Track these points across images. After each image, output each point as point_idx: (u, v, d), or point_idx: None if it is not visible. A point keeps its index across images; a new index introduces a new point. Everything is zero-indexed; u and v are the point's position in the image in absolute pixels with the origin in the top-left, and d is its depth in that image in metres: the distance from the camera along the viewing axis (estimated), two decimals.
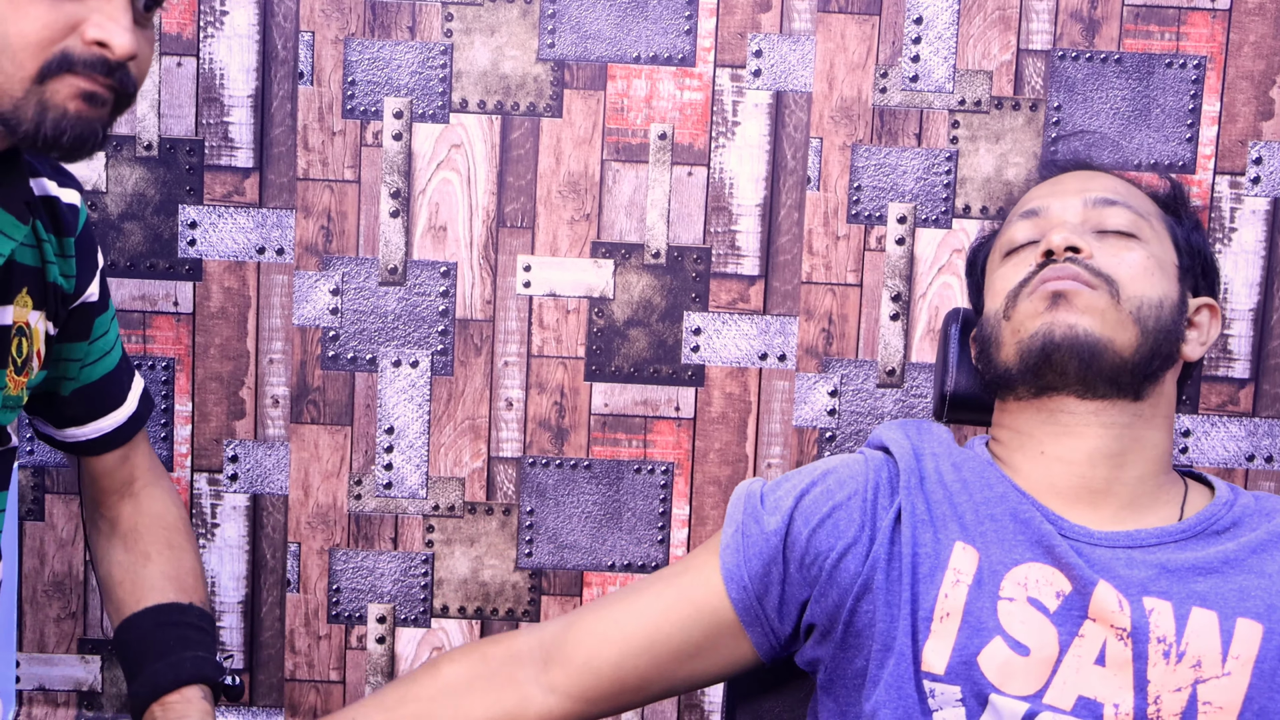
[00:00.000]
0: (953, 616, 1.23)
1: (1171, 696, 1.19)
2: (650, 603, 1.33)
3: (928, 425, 1.39)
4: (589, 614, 1.35)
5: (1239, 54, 2.13)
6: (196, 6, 2.11)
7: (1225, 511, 1.29)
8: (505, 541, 2.22)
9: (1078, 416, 1.29)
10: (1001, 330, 1.33)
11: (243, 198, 2.16)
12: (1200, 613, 1.21)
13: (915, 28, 2.14)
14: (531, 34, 2.13)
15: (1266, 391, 2.17)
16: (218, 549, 2.21)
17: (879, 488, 1.32)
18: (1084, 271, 1.28)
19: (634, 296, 2.19)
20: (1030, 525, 1.25)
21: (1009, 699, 1.20)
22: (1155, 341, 1.28)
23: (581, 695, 1.31)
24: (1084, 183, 1.40)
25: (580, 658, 1.31)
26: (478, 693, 1.30)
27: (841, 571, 1.28)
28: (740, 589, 1.30)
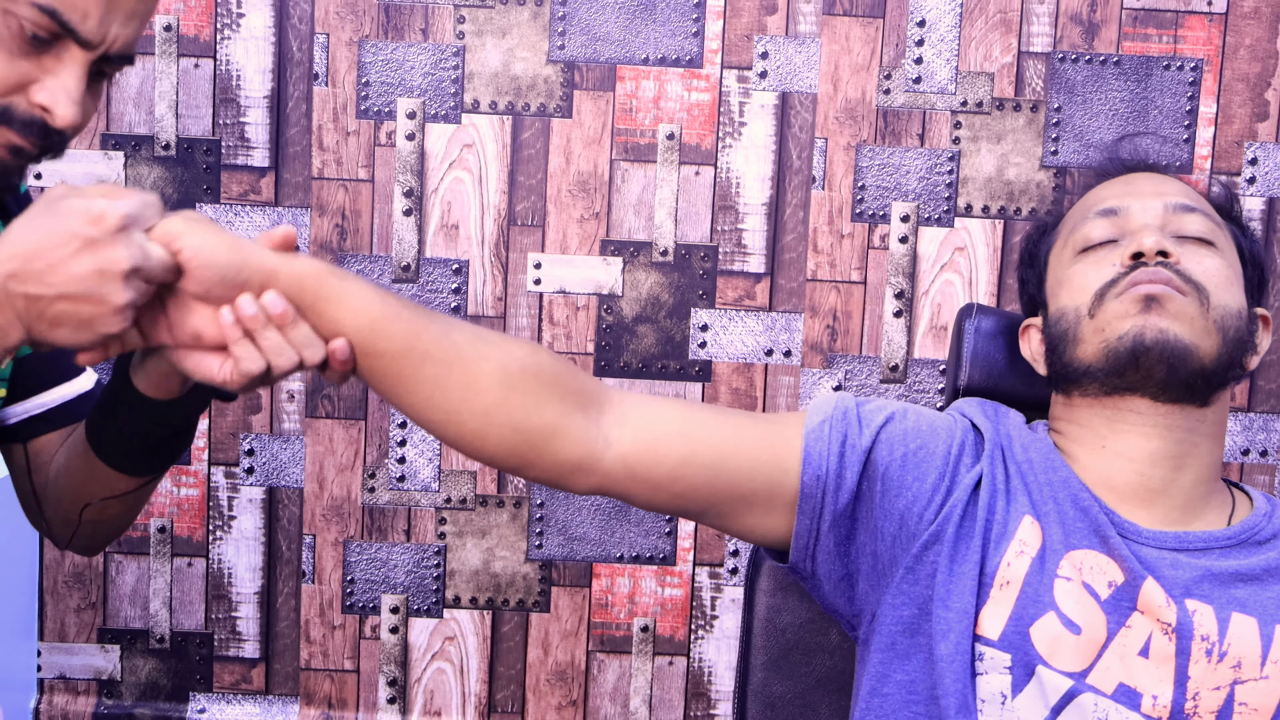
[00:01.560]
0: (1012, 585, 1.24)
1: (1210, 694, 1.20)
2: (734, 431, 1.29)
3: (1005, 407, 1.39)
4: (677, 403, 1.31)
5: (1235, 57, 2.16)
6: (214, 9, 2.14)
7: (1266, 522, 1.29)
8: (516, 534, 2.24)
9: (1146, 418, 1.29)
10: (1082, 327, 1.31)
11: (259, 196, 2.18)
12: (1240, 618, 1.22)
13: (918, 30, 2.15)
14: (542, 36, 2.15)
15: (1261, 388, 2.20)
16: (234, 541, 2.23)
17: (964, 447, 1.31)
18: (1175, 277, 1.26)
19: (642, 293, 2.21)
20: (1089, 514, 1.26)
21: (1055, 673, 1.21)
22: (1233, 351, 1.28)
23: (633, 462, 1.24)
24: (1159, 185, 1.38)
25: (653, 433, 1.24)
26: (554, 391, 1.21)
27: (909, 513, 1.28)
28: (813, 476, 1.28)
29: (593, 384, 1.25)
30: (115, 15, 1.07)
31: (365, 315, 1.10)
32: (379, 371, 1.13)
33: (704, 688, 2.26)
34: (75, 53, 1.07)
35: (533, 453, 1.19)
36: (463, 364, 1.15)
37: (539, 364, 1.19)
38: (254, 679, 2.29)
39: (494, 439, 1.18)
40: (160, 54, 2.15)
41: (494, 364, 1.16)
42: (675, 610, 2.29)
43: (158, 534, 2.25)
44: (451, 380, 1.15)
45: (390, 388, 1.14)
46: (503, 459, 1.21)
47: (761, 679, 1.60)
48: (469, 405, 1.16)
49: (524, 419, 1.18)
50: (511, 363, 1.18)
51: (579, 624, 2.28)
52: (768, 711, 1.61)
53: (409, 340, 1.13)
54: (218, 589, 2.26)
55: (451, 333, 1.16)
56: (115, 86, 2.14)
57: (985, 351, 1.52)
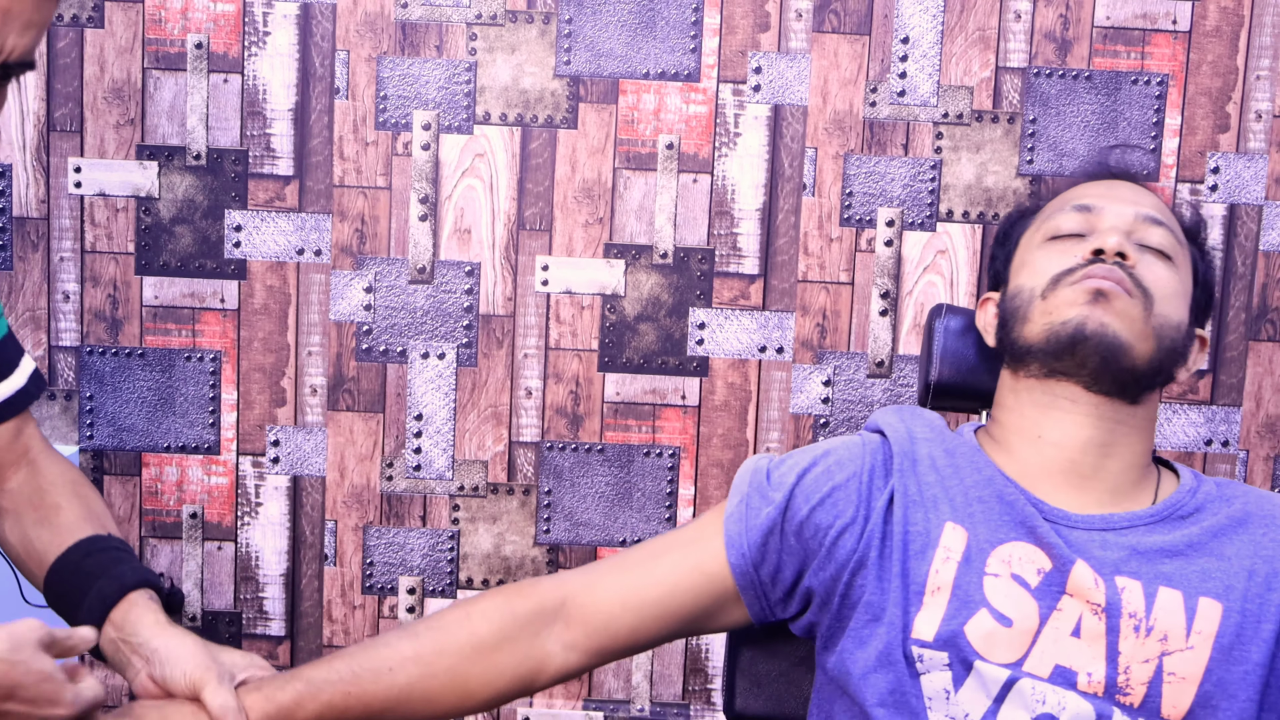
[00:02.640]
0: (943, 590, 1.24)
1: (1140, 667, 1.20)
2: (666, 572, 1.34)
3: (921, 412, 1.39)
4: (609, 576, 1.35)
5: (1198, 72, 2.18)
6: (242, 28, 2.17)
7: (1189, 498, 1.30)
8: (525, 519, 2.28)
9: (1079, 405, 1.29)
10: (1033, 307, 1.32)
11: (283, 203, 2.21)
12: (1167, 591, 1.22)
13: (902, 46, 2.18)
14: (549, 52, 2.19)
15: (1223, 382, 2.22)
16: (261, 526, 2.27)
17: (874, 470, 1.32)
18: (1128, 279, 1.27)
19: (643, 294, 2.24)
20: (1015, 507, 1.26)
21: (992, 665, 1.21)
22: (1165, 359, 1.29)
23: (597, 651, 1.32)
24: (1136, 195, 1.39)
25: (600, 620, 1.31)
26: (505, 651, 1.30)
27: (839, 548, 1.29)
28: (740, 556, 1.32)
29: (536, 600, 1.32)
30: (11, 26, 1.06)
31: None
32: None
33: (702, 663, 2.29)
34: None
35: (524, 693, 1.31)
36: (419, 696, 1.25)
37: (480, 641, 1.28)
38: (280, 655, 2.30)
39: (484, 708, 1.30)
40: (192, 70, 2.18)
41: (443, 677, 1.26)
42: None
43: (189, 519, 2.27)
44: (416, 710, 1.26)
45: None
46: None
47: (749, 657, 1.61)
48: (445, 710, 1.27)
49: (494, 689, 1.29)
50: (458, 662, 1.27)
51: None
52: (754, 688, 1.61)
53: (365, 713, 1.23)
54: (246, 571, 2.29)
55: (396, 676, 1.25)
56: (149, 100, 2.18)
57: (954, 349, 1.54)
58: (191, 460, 2.27)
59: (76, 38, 2.18)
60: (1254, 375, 2.22)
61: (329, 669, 1.24)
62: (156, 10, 2.18)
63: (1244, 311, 2.20)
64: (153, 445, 2.26)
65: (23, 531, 1.36)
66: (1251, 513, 1.28)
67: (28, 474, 1.38)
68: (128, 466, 2.26)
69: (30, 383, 1.40)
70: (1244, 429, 2.24)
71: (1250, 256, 2.20)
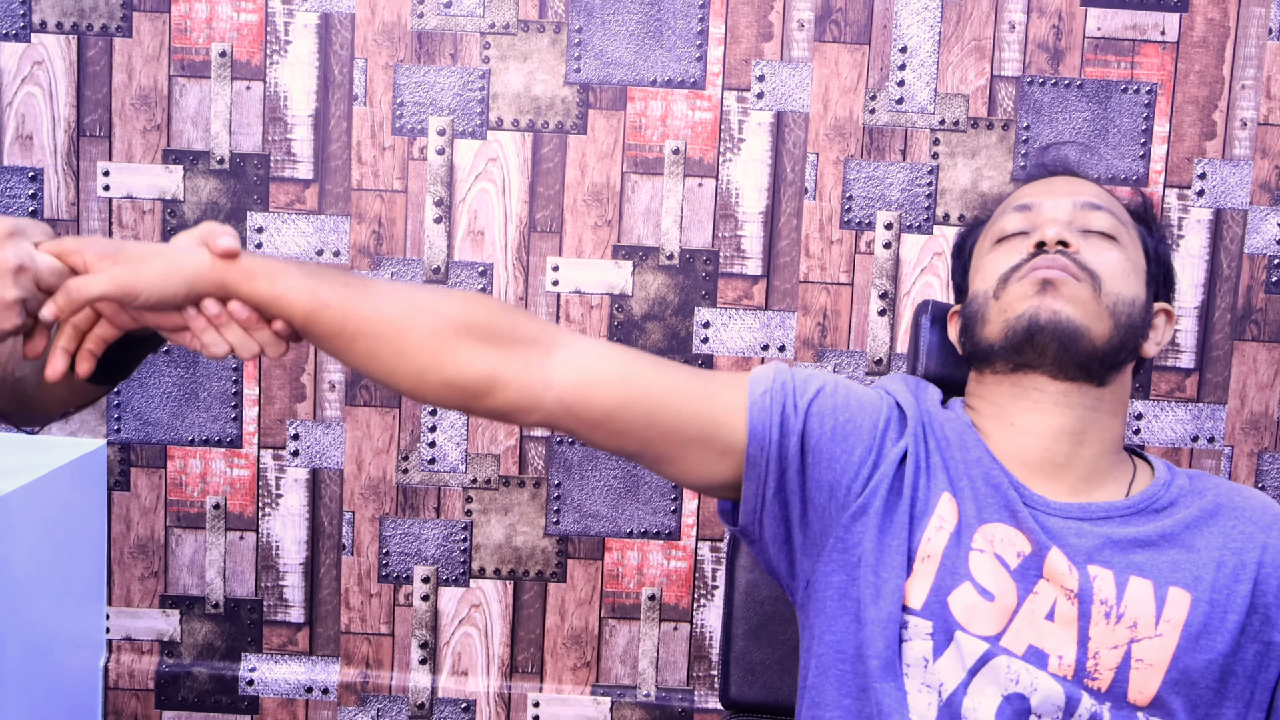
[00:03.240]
0: (933, 559, 1.24)
1: (1109, 652, 1.22)
2: (676, 379, 1.27)
3: (925, 383, 1.39)
4: (622, 350, 1.28)
5: (1186, 81, 2.19)
6: (264, 37, 2.20)
7: (1164, 491, 1.30)
8: (535, 511, 2.30)
9: (1048, 395, 1.29)
10: (989, 308, 1.32)
11: (304, 206, 2.24)
12: (1137, 581, 1.23)
13: (900, 56, 2.20)
14: (560, 60, 2.21)
15: (1209, 380, 2.24)
16: (281, 517, 2.29)
17: (890, 422, 1.31)
18: (1072, 264, 1.28)
19: (650, 294, 2.26)
20: (999, 490, 1.27)
21: (972, 637, 1.22)
22: (1124, 335, 1.29)
23: (570, 408, 1.23)
24: (1073, 186, 1.39)
25: (586, 376, 1.23)
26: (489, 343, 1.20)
27: (838, 485, 1.27)
28: (758, 445, 1.27)
29: (538, 328, 1.24)
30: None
31: (298, 308, 1.15)
32: (318, 346, 1.18)
33: (705, 650, 2.31)
34: None
35: (471, 401, 1.21)
36: (392, 335, 1.17)
37: (471, 318, 1.20)
38: (299, 641, 2.32)
39: (430, 394, 1.21)
40: (215, 77, 2.21)
41: (423, 329, 1.18)
42: (679, 581, 2.31)
43: (213, 510, 2.30)
44: (382, 350, 1.18)
45: (332, 355, 1.19)
46: (444, 406, 1.23)
47: (742, 647, 1.63)
48: (402, 368, 1.19)
49: (456, 374, 1.19)
50: (441, 323, 1.19)
51: (593, 593, 2.31)
52: (748, 675, 1.64)
53: (339, 324, 1.16)
54: (266, 560, 2.31)
55: (382, 305, 1.18)
56: (175, 106, 2.20)
57: (940, 343, 1.54)
58: (215, 453, 2.30)
59: (106, 47, 2.21)
60: (1239, 373, 2.24)
61: (328, 271, 1.20)
62: (182, 20, 2.21)
63: (1229, 312, 2.23)
64: (178, 439, 2.29)
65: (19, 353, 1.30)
66: (1222, 505, 1.30)
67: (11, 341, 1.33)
68: (154, 459, 2.30)
69: None
70: (1229, 425, 2.25)
71: (1235, 259, 2.22)
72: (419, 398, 1.21)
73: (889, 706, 1.22)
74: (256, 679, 2.34)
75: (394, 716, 2.32)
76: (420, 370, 1.19)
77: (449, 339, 1.19)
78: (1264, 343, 2.24)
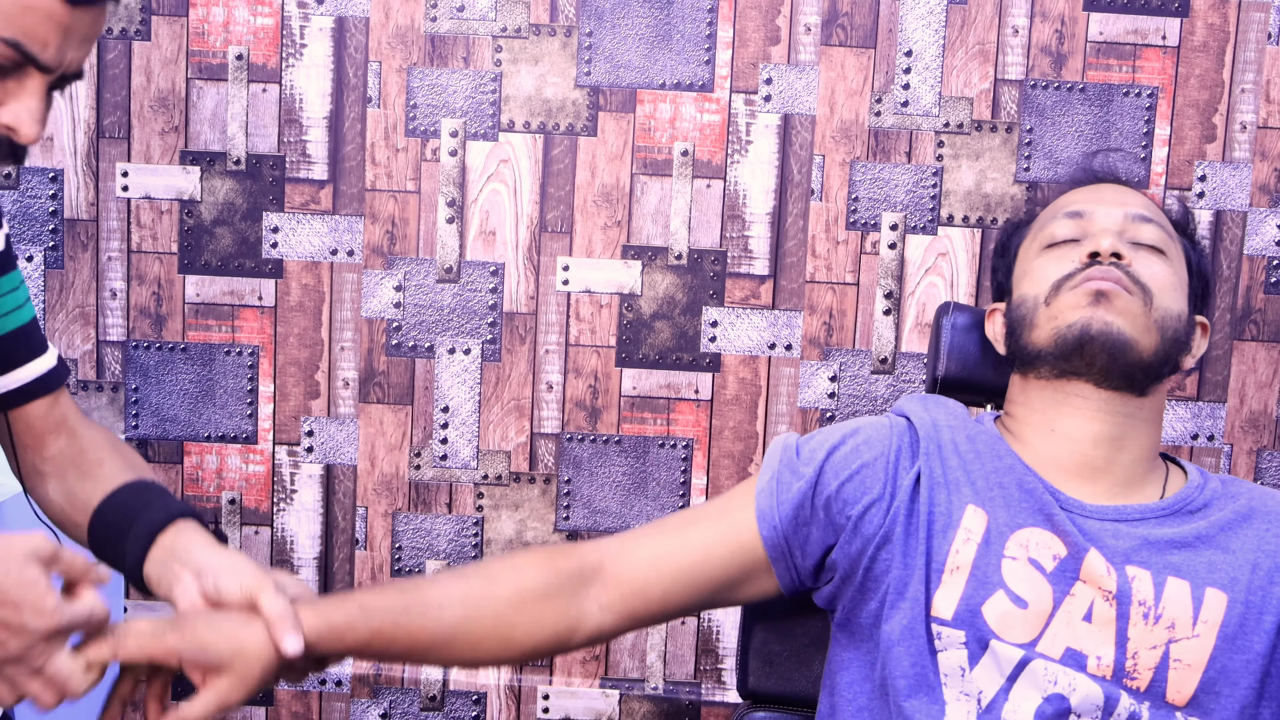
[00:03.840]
0: (962, 570, 1.25)
1: (1148, 653, 1.22)
2: (699, 540, 1.33)
3: (945, 400, 1.40)
4: (644, 541, 1.34)
5: (1186, 85, 2.21)
6: (279, 40, 2.22)
7: (1198, 494, 1.31)
8: (545, 507, 2.31)
9: (1090, 401, 1.30)
10: (1038, 314, 1.33)
11: (318, 206, 2.26)
12: (1175, 581, 1.24)
13: (906, 59, 2.22)
14: (570, 64, 2.23)
15: (1209, 379, 2.26)
16: (295, 512, 2.31)
17: (901, 451, 1.32)
18: (1125, 277, 1.29)
19: (659, 293, 2.27)
20: (1033, 495, 1.27)
21: (1007, 645, 1.23)
22: (1170, 349, 1.31)
23: (630, 614, 1.32)
24: (1122, 196, 1.40)
25: (634, 584, 1.31)
26: (547, 604, 1.28)
27: (865, 524, 1.30)
28: (771, 529, 1.31)
29: (576, 560, 1.32)
30: (71, 41, 1.08)
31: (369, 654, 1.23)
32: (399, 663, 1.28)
33: (713, 644, 2.32)
34: (36, 77, 1.08)
35: (557, 651, 1.32)
36: (463, 639, 1.26)
37: (525, 592, 1.28)
38: None
39: (518, 660, 1.32)
40: (232, 80, 2.23)
41: (488, 622, 1.26)
42: None
43: (229, 505, 2.32)
44: (458, 653, 1.27)
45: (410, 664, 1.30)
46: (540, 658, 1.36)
47: (761, 639, 1.64)
48: (481, 659, 1.29)
49: (532, 646, 1.29)
50: (503, 610, 1.27)
51: None
52: (766, 667, 1.65)
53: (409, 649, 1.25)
54: (281, 554, 2.33)
55: (444, 615, 1.25)
56: (192, 108, 2.23)
57: (960, 344, 1.57)
58: (230, 449, 2.32)
59: (125, 50, 2.24)
60: (1238, 373, 2.26)
61: (381, 597, 1.25)
62: (200, 24, 2.23)
63: (1229, 312, 2.24)
64: (194, 435, 2.31)
65: (66, 488, 1.34)
66: (1256, 509, 1.30)
67: (67, 440, 1.37)
68: (170, 455, 2.32)
69: (60, 364, 1.39)
70: (1229, 424, 2.27)
71: (1235, 260, 2.24)
72: (512, 664, 1.34)
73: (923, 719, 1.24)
74: None
75: (406, 707, 2.34)
76: (497, 653, 1.28)
77: (513, 620, 1.27)
78: (1263, 342, 2.26)
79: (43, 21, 1.05)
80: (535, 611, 1.28)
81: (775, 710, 1.65)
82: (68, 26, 1.06)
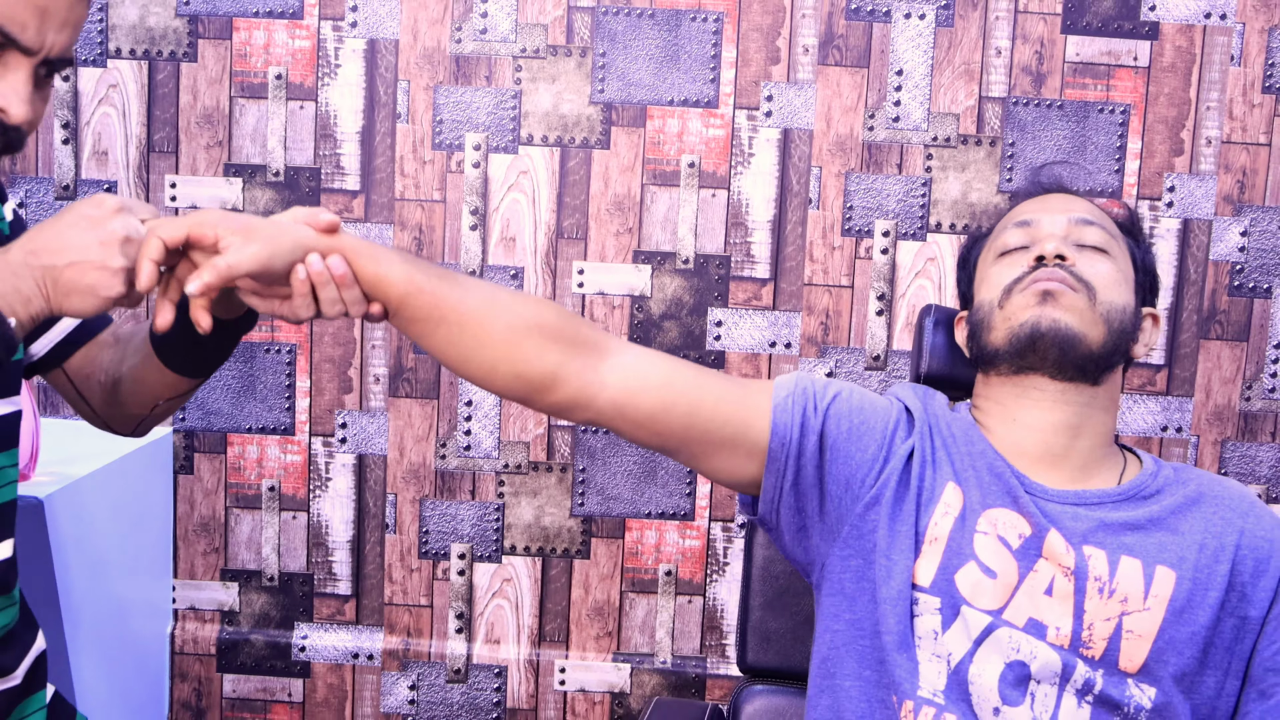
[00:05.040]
0: (939, 541, 1.28)
1: (1102, 624, 1.25)
2: (710, 388, 1.31)
3: (932, 391, 1.43)
4: (666, 361, 1.32)
5: (1156, 103, 2.24)
6: (316, 61, 2.27)
7: (1151, 480, 1.34)
8: (562, 493, 2.35)
9: (1047, 393, 1.33)
10: (994, 316, 1.35)
11: (351, 214, 2.30)
12: (1128, 560, 1.27)
13: (897, 78, 2.25)
14: (585, 82, 2.26)
15: (1177, 375, 2.30)
16: (330, 499, 2.35)
17: (899, 424, 1.35)
18: (1069, 276, 1.31)
19: (668, 295, 2.31)
20: (1002, 478, 1.30)
21: (976, 611, 1.26)
22: (1117, 340, 1.33)
23: (617, 404, 1.27)
24: (1067, 203, 1.41)
25: (638, 382, 1.27)
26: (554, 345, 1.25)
27: (853, 478, 1.31)
28: (779, 443, 1.31)
29: (597, 335, 1.28)
30: (50, 24, 1.08)
31: (395, 290, 1.17)
32: (405, 328, 1.21)
33: (717, 622, 2.36)
34: (19, 59, 1.08)
35: (534, 394, 1.26)
36: (474, 325, 1.21)
37: (542, 320, 1.24)
38: (347, 612, 2.38)
39: (500, 384, 1.25)
40: (272, 98, 2.28)
41: (501, 323, 1.22)
42: (694, 558, 2.35)
43: (268, 492, 2.37)
44: (463, 338, 1.21)
45: (415, 338, 1.23)
46: (509, 397, 1.27)
47: (759, 617, 1.69)
48: (478, 357, 1.23)
49: (525, 368, 1.23)
50: (517, 320, 1.23)
51: (614, 569, 2.36)
52: (765, 643, 1.69)
53: (428, 309, 1.19)
54: (317, 538, 2.38)
55: (467, 297, 1.21)
56: (235, 124, 2.26)
57: (940, 343, 1.59)
58: (270, 440, 2.37)
59: (173, 71, 2.29)
60: (1204, 369, 2.29)
61: (428, 264, 1.22)
62: (243, 46, 2.28)
63: (1196, 314, 2.28)
64: (236, 427, 2.36)
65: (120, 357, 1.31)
66: (1204, 493, 1.34)
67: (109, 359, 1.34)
68: (215, 445, 2.36)
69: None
70: (1195, 417, 2.30)
71: (1201, 265, 2.27)
72: (488, 386, 1.26)
73: (901, 675, 1.27)
74: (308, 645, 2.41)
75: (433, 680, 2.38)
76: (494, 360, 1.23)
77: (522, 335, 1.23)
78: (1227, 341, 2.30)
79: (18, 3, 1.06)
80: (541, 342, 1.24)
81: (772, 683, 1.69)
82: (44, 9, 1.07)
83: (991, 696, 1.25)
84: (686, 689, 2.38)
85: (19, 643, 1.26)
